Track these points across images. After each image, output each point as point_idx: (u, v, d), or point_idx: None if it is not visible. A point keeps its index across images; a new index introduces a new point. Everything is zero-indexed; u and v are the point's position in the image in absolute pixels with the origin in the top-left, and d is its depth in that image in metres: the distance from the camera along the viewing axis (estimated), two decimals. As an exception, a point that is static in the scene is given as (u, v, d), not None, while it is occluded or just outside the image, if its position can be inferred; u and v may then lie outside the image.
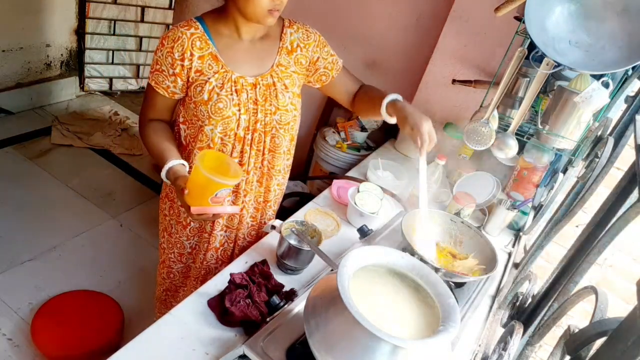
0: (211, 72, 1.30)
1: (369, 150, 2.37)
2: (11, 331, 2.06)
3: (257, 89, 1.34)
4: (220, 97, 1.30)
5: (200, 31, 1.29)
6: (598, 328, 0.62)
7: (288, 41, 1.40)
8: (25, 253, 2.43)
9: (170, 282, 1.66)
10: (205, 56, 1.29)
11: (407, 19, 2.26)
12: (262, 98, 1.35)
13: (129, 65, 4.12)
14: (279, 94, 1.37)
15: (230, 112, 1.31)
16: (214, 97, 1.30)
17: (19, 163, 3.05)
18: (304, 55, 1.42)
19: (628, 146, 1.29)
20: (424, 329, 0.92)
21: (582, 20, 1.30)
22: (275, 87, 1.36)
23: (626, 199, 0.91)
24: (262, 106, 1.35)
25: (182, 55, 1.28)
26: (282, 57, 1.39)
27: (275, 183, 1.51)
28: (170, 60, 1.28)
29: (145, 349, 1.03)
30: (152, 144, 1.35)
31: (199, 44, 1.29)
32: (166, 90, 1.32)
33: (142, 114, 1.41)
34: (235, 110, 1.32)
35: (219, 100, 1.30)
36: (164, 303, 1.74)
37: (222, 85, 1.30)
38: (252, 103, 1.34)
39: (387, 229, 1.52)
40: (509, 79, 1.44)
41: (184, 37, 1.27)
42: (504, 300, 1.32)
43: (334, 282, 0.89)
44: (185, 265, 1.61)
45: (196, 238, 1.54)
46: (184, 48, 1.27)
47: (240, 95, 1.32)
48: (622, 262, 2.17)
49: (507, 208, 1.71)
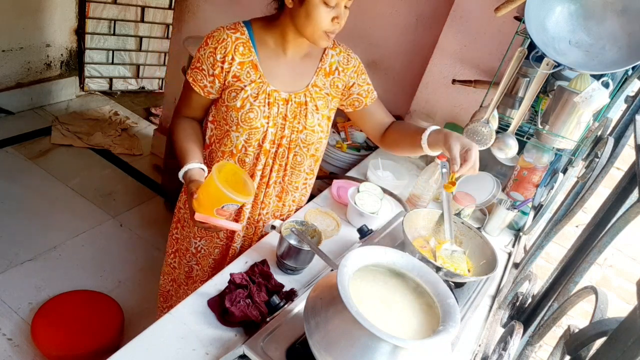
0: (248, 80, 1.31)
1: (369, 150, 2.37)
2: (11, 331, 2.06)
3: (288, 105, 1.35)
4: (253, 106, 1.31)
5: (246, 37, 1.30)
6: (598, 328, 0.62)
7: (328, 63, 1.41)
8: (25, 253, 2.43)
9: (177, 274, 1.65)
10: (245, 63, 1.30)
11: (407, 19, 2.26)
12: (291, 115, 1.36)
13: (129, 65, 4.12)
14: (309, 113, 1.37)
15: (259, 123, 1.33)
16: (247, 106, 1.31)
17: (19, 163, 3.06)
18: (341, 79, 1.42)
19: (628, 146, 1.29)
20: (424, 328, 0.92)
21: (582, 20, 1.30)
22: (307, 106, 1.37)
23: (626, 199, 0.91)
24: (291, 123, 1.36)
25: (224, 57, 1.28)
26: (319, 78, 1.39)
27: (291, 199, 1.53)
28: (211, 61, 1.29)
29: (145, 349, 1.02)
30: (178, 140, 1.37)
31: (242, 49, 1.29)
32: (202, 89, 1.33)
33: (177, 108, 1.42)
34: (264, 122, 1.33)
35: (251, 110, 1.31)
36: (166, 295, 1.74)
37: (256, 96, 1.31)
38: (282, 118, 1.35)
39: (387, 229, 1.52)
40: (509, 79, 1.44)
41: (228, 40, 1.28)
42: (504, 300, 1.32)
43: (334, 282, 0.89)
44: (188, 265, 1.61)
45: (204, 241, 1.54)
46: (227, 51, 1.28)
47: (271, 108, 1.33)
48: (622, 262, 2.17)
49: (507, 208, 1.71)
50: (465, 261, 1.36)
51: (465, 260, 1.36)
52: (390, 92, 2.42)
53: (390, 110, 2.41)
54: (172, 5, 3.93)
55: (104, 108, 3.89)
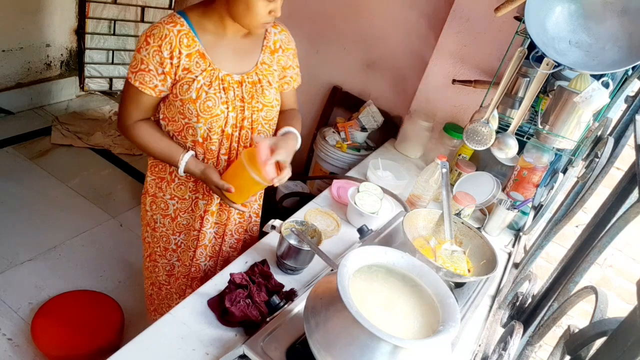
0: (199, 70, 1.29)
1: (369, 150, 2.37)
2: (11, 331, 2.06)
3: (243, 87, 1.35)
4: (209, 95, 1.30)
5: (186, 28, 1.27)
6: (598, 328, 0.62)
7: (272, 41, 1.42)
8: (25, 253, 2.43)
9: (155, 277, 1.66)
10: (192, 54, 1.28)
11: (407, 19, 2.26)
12: (248, 96, 1.36)
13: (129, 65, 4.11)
14: (265, 90, 1.39)
15: (218, 110, 1.32)
16: (202, 96, 1.30)
17: (19, 163, 3.05)
18: (282, 58, 1.45)
19: (628, 146, 1.29)
20: (424, 328, 0.92)
21: (582, 20, 1.30)
22: (261, 84, 1.38)
23: (626, 199, 0.91)
24: (249, 104, 1.37)
25: (171, 53, 1.26)
26: (265, 56, 1.41)
27: None
28: (158, 59, 1.26)
29: (145, 349, 1.03)
30: (150, 142, 1.36)
31: (186, 41, 1.27)
32: (153, 89, 1.30)
33: (124, 116, 1.37)
34: (223, 108, 1.33)
35: (208, 99, 1.30)
36: (150, 298, 1.74)
37: (210, 84, 1.30)
38: (239, 101, 1.35)
39: (387, 229, 1.52)
40: (509, 79, 1.44)
41: (171, 35, 1.25)
42: (504, 300, 1.32)
43: (334, 282, 0.89)
44: (169, 263, 1.60)
45: (183, 235, 1.54)
46: (172, 46, 1.25)
47: (227, 93, 1.33)
48: (622, 262, 2.17)
49: (507, 208, 1.71)
50: (465, 261, 1.36)
51: (465, 260, 1.36)
52: (390, 92, 2.42)
53: (390, 110, 2.44)
54: (172, 5, 3.93)
55: (104, 108, 3.89)
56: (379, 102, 2.42)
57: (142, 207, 1.57)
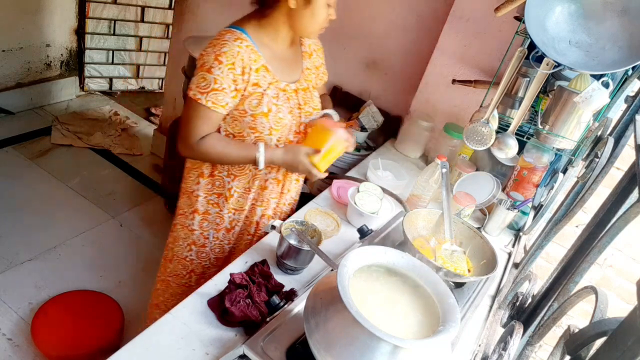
0: (266, 84, 1.32)
1: (369, 150, 2.37)
2: (11, 331, 2.06)
3: (298, 95, 1.41)
4: (279, 107, 1.35)
5: (250, 43, 1.30)
6: (598, 328, 0.62)
7: (307, 45, 1.49)
8: (25, 253, 2.43)
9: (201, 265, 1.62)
10: (259, 68, 1.31)
11: (407, 19, 2.26)
12: (303, 102, 1.42)
13: (129, 65, 4.11)
14: (313, 95, 1.47)
15: (287, 120, 1.38)
16: (273, 109, 1.34)
17: (19, 163, 3.05)
18: (317, 59, 1.53)
19: (628, 146, 1.29)
20: (424, 329, 0.92)
21: (582, 20, 1.30)
22: (310, 90, 1.45)
23: (626, 199, 0.91)
24: (303, 110, 1.43)
25: (243, 69, 1.27)
26: (306, 61, 1.48)
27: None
28: (232, 77, 1.26)
29: (145, 349, 1.02)
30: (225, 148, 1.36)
31: (253, 56, 1.30)
32: (224, 107, 1.30)
33: (192, 136, 1.33)
34: (290, 117, 1.38)
35: (279, 111, 1.35)
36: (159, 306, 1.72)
37: (277, 96, 1.34)
38: (297, 108, 1.41)
39: (387, 229, 1.52)
40: (509, 79, 1.44)
41: (242, 52, 1.27)
42: (504, 300, 1.32)
43: (334, 282, 0.89)
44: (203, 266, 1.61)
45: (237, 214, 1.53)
46: (244, 63, 1.27)
47: (290, 102, 1.38)
48: (622, 262, 2.17)
49: (507, 208, 1.71)
50: (465, 261, 1.36)
51: (465, 260, 1.36)
52: (390, 92, 2.42)
53: (390, 110, 2.43)
54: (172, 5, 3.92)
55: (104, 108, 3.89)
56: (379, 102, 2.42)
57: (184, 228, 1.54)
